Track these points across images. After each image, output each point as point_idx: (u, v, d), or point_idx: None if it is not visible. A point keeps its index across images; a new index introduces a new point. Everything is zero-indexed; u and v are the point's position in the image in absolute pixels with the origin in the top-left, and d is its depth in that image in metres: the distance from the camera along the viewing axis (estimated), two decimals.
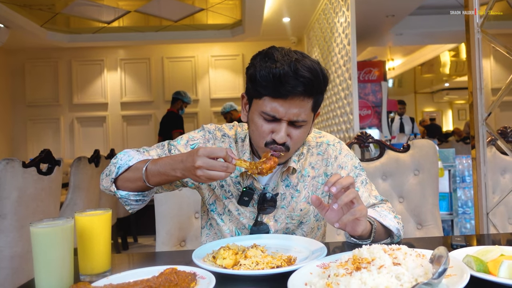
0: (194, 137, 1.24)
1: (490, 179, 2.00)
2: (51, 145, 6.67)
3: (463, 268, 0.72)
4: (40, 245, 0.82)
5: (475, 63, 1.87)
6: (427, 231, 1.82)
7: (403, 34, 6.54)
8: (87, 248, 0.92)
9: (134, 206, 1.15)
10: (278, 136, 1.05)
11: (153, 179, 1.06)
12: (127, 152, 1.15)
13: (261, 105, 1.06)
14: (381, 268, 0.69)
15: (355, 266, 0.72)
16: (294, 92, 1.01)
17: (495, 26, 5.72)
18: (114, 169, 1.12)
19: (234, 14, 5.78)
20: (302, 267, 0.83)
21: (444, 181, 3.25)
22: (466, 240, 1.08)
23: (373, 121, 4.88)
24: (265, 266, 0.85)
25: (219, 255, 0.90)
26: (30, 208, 2.07)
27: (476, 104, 1.88)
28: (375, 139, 2.06)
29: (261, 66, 1.03)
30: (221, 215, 1.23)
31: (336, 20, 4.32)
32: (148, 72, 6.85)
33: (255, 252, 0.91)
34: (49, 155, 2.22)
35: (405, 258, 0.72)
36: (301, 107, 1.04)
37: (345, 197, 0.91)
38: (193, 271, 0.84)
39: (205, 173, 0.94)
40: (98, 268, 0.93)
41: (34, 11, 5.28)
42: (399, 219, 1.15)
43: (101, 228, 0.93)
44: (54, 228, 0.83)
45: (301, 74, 1.00)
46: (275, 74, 0.99)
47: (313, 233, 1.26)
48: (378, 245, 0.78)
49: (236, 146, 1.24)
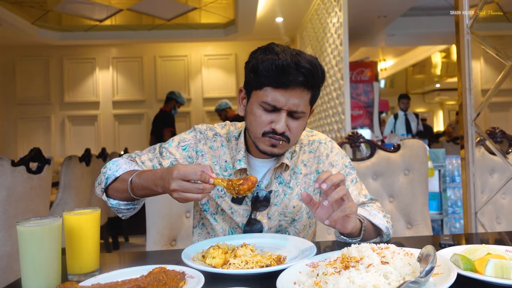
0: (185, 138, 1.24)
1: (479, 178, 2.03)
2: (41, 143, 6.60)
3: (450, 267, 0.73)
4: (27, 245, 0.81)
5: (465, 64, 1.89)
6: (417, 230, 1.84)
7: (395, 35, 6.60)
8: (75, 247, 0.91)
9: (125, 213, 1.16)
10: (278, 126, 1.07)
11: (138, 192, 1.07)
12: (116, 161, 1.16)
13: (262, 96, 1.08)
14: (370, 267, 0.69)
15: (343, 265, 0.72)
16: (295, 82, 1.04)
17: (485, 27, 5.79)
18: (103, 178, 1.13)
19: (227, 13, 5.77)
20: (291, 266, 0.83)
21: (434, 181, 3.27)
22: (454, 239, 1.09)
23: (364, 121, 4.90)
24: (255, 265, 0.85)
25: (209, 254, 0.90)
26: (19, 207, 2.05)
27: (465, 105, 1.90)
28: (366, 139, 2.07)
29: (263, 58, 1.07)
30: (214, 215, 1.23)
31: (329, 20, 4.34)
32: (141, 71, 6.82)
33: (244, 251, 0.91)
34: (39, 153, 2.19)
35: (393, 257, 0.73)
36: (301, 98, 1.07)
37: (336, 194, 0.92)
38: (182, 270, 0.83)
39: (181, 196, 0.93)
40: (87, 268, 0.92)
41: (25, 8, 5.23)
42: (388, 218, 1.16)
43: (89, 227, 0.92)
44: (42, 227, 0.82)
45: (303, 65, 1.03)
46: (278, 65, 1.03)
47: (305, 231, 1.27)
48: (367, 244, 0.78)
49: (228, 144, 1.24)
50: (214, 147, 1.23)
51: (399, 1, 5.16)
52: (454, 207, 3.33)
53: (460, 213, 3.31)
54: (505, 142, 2.13)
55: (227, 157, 1.22)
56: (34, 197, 2.16)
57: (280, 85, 1.05)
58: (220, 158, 1.22)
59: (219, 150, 1.23)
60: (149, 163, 1.20)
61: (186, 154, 1.22)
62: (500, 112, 7.57)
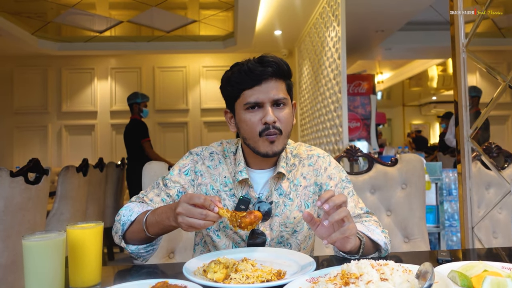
0: (184, 164, 1.28)
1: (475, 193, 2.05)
2: (38, 153, 6.58)
3: (448, 284, 0.74)
4: (32, 258, 0.82)
5: (461, 81, 1.92)
6: (414, 245, 1.85)
7: (392, 49, 6.68)
8: (78, 261, 0.92)
9: (146, 256, 1.17)
10: (268, 117, 1.14)
11: (152, 230, 1.09)
12: (128, 206, 1.18)
13: (243, 100, 1.17)
14: (369, 284, 0.70)
15: (343, 281, 0.73)
16: (265, 75, 1.15)
17: (481, 43, 5.88)
18: (119, 226, 1.15)
19: (226, 26, 5.83)
20: (292, 282, 0.84)
21: (431, 194, 3.29)
22: (452, 255, 1.10)
23: (362, 133, 4.93)
24: (255, 280, 0.86)
25: (210, 268, 0.91)
26: (16, 217, 2.04)
27: (461, 121, 1.93)
28: (364, 153, 2.09)
29: (232, 70, 1.20)
30: (217, 231, 1.25)
31: (327, 34, 4.39)
32: (139, 81, 6.84)
33: (245, 266, 0.92)
34: (37, 164, 2.20)
35: (392, 273, 0.74)
36: (277, 87, 1.17)
37: (337, 215, 0.93)
38: (184, 285, 0.84)
39: (185, 220, 0.95)
40: (88, 282, 0.93)
41: (26, 19, 5.26)
42: (386, 233, 1.18)
43: (92, 241, 0.93)
44: (47, 242, 0.83)
45: (266, 60, 1.15)
46: (245, 69, 1.15)
47: (305, 242, 1.29)
48: (366, 261, 0.79)
49: (226, 160, 1.28)
50: (212, 166, 1.27)
51: (396, 16, 5.25)
52: (451, 220, 3.34)
53: (457, 226, 3.33)
54: (501, 157, 2.16)
55: (226, 173, 1.25)
56: (31, 208, 2.16)
57: (253, 84, 1.15)
58: (220, 175, 1.25)
59: (218, 167, 1.27)
60: (157, 198, 1.23)
61: (189, 178, 1.26)
62: (497, 126, 7.64)
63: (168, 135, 6.90)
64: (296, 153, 1.32)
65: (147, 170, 1.65)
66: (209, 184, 1.25)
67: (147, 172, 1.64)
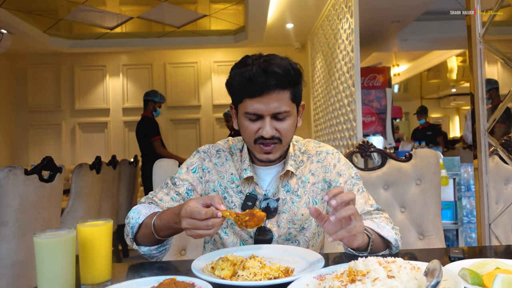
0: (192, 162, 1.29)
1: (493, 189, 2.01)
2: (52, 150, 6.69)
3: (458, 281, 0.73)
4: (43, 255, 0.84)
5: (477, 73, 1.88)
6: (429, 242, 1.82)
7: (408, 40, 6.51)
8: (89, 258, 0.93)
9: (159, 256, 1.19)
10: (264, 132, 1.12)
11: (161, 233, 1.10)
12: (136, 209, 1.19)
13: (243, 107, 1.14)
14: (375, 281, 0.70)
15: (350, 279, 0.73)
16: (267, 87, 1.09)
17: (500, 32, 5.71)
18: (129, 229, 1.16)
19: (237, 20, 5.81)
20: (299, 279, 0.84)
21: (449, 190, 3.20)
22: (464, 253, 1.09)
23: (377, 128, 4.87)
24: (263, 277, 0.86)
25: (218, 266, 0.91)
26: (31, 215, 2.08)
27: (478, 115, 1.89)
28: (377, 148, 2.06)
29: (235, 73, 1.14)
30: (225, 229, 1.26)
31: (340, 26, 4.34)
32: (150, 77, 6.88)
33: (253, 263, 0.92)
34: (50, 162, 2.24)
35: (399, 271, 0.73)
36: (278, 100, 1.11)
37: (344, 211, 0.93)
38: (192, 282, 0.85)
39: (193, 233, 0.96)
40: (99, 278, 0.94)
41: (37, 17, 5.32)
42: (397, 230, 1.17)
43: (102, 239, 0.94)
44: (57, 239, 0.85)
45: (271, 70, 1.08)
46: (247, 76, 1.09)
47: (314, 239, 1.29)
48: (373, 258, 0.79)
49: (233, 157, 1.28)
50: (219, 163, 1.28)
51: (412, 6, 5.12)
52: (470, 217, 3.25)
53: (475, 222, 3.25)
54: None
55: (232, 170, 1.26)
56: (46, 205, 2.20)
57: (254, 94, 1.10)
58: (227, 172, 1.26)
59: (225, 164, 1.27)
60: (166, 197, 1.24)
61: (197, 176, 1.27)
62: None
63: (180, 132, 6.93)
64: (305, 149, 1.31)
65: (157, 167, 1.66)
66: (216, 181, 1.26)
67: (158, 170, 1.65)
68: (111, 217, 3.81)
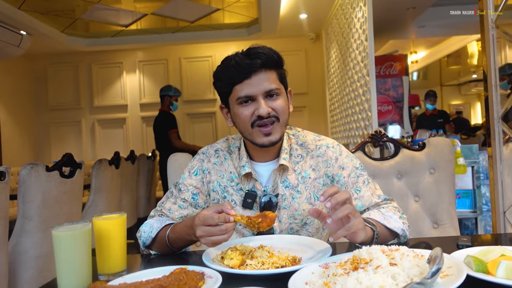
0: (193, 165, 1.32)
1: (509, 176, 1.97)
2: (73, 147, 6.86)
3: (461, 268, 0.74)
4: (60, 247, 0.89)
5: (490, 59, 1.84)
6: (443, 230, 1.81)
7: (426, 26, 6.35)
8: (104, 249, 0.98)
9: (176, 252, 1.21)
10: (260, 110, 1.13)
11: (177, 245, 1.14)
12: (148, 223, 1.23)
13: (235, 95, 1.16)
14: (378, 268, 0.71)
15: (353, 266, 0.75)
16: (254, 68, 1.13)
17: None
18: (140, 242, 1.21)
19: (251, 12, 5.80)
20: (305, 267, 0.86)
21: (467, 178, 3.14)
22: (472, 241, 1.09)
23: (394, 117, 4.81)
24: (270, 266, 0.89)
25: (227, 255, 0.94)
26: (53, 210, 2.16)
27: (491, 101, 1.86)
28: (390, 138, 2.05)
29: (221, 65, 1.18)
30: None
31: (354, 15, 4.30)
32: (166, 73, 6.95)
33: (261, 253, 0.94)
34: (70, 158, 2.31)
35: (402, 258, 0.75)
36: (267, 79, 1.15)
37: (340, 212, 0.93)
38: (201, 271, 0.88)
39: (207, 240, 0.98)
40: (115, 268, 0.99)
41: (55, 17, 5.44)
42: (405, 219, 1.17)
43: (116, 231, 0.99)
44: (73, 232, 0.89)
45: (254, 52, 1.13)
46: (233, 64, 1.14)
47: (318, 234, 1.30)
48: (377, 246, 0.80)
49: (232, 156, 1.29)
50: (218, 163, 1.29)
51: None
52: (489, 205, 3.19)
53: None
54: None
55: (231, 168, 1.27)
56: (67, 201, 2.27)
57: (243, 78, 1.13)
58: (226, 171, 1.27)
59: (224, 164, 1.29)
60: (174, 206, 1.27)
61: (199, 178, 1.29)
62: None
63: (197, 126, 7.00)
64: (303, 142, 1.29)
65: (171, 162, 1.70)
66: (216, 181, 1.27)
67: (172, 164, 1.69)
68: (131, 210, 3.90)
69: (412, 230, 1.78)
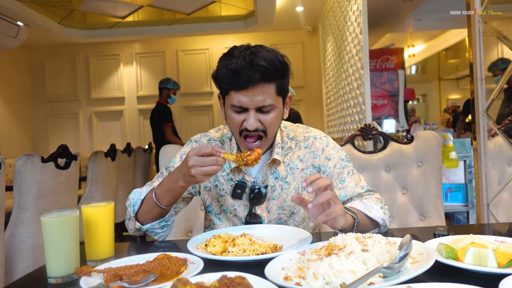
0: (185, 151, 1.34)
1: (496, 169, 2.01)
2: (70, 139, 6.88)
3: (431, 255, 0.78)
4: (49, 233, 0.93)
5: (476, 53, 1.87)
6: (430, 222, 1.84)
7: (423, 19, 6.31)
8: (92, 236, 1.02)
9: (161, 234, 1.24)
10: (248, 124, 1.14)
11: (163, 200, 1.15)
12: (136, 190, 1.26)
13: (229, 100, 1.16)
14: (350, 254, 0.75)
15: (327, 252, 0.78)
16: (252, 81, 1.10)
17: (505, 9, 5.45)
18: (130, 209, 1.22)
19: (247, 5, 5.80)
20: (283, 254, 0.90)
21: (459, 172, 3.17)
22: (449, 230, 1.13)
23: (389, 111, 4.82)
24: (251, 253, 0.93)
25: (210, 243, 0.98)
26: (49, 201, 2.19)
27: (476, 95, 1.89)
28: (379, 131, 2.08)
29: (221, 65, 1.15)
30: (218, 215, 1.32)
31: (349, 8, 4.30)
32: (163, 65, 6.95)
33: (243, 241, 0.98)
34: (66, 150, 2.33)
35: (373, 245, 0.78)
36: (263, 93, 1.12)
37: (321, 197, 0.96)
38: (184, 257, 0.92)
39: (198, 170, 1.02)
40: (103, 255, 1.02)
41: (52, 8, 5.43)
42: (386, 210, 1.20)
43: (104, 219, 1.02)
44: (61, 218, 0.93)
45: (256, 63, 1.08)
46: (232, 69, 1.10)
47: (304, 223, 1.33)
48: (352, 234, 0.84)
49: (223, 146, 1.33)
50: None
51: None
52: None
53: None
54: None
55: None
56: (63, 192, 2.30)
57: (239, 87, 1.11)
58: None
59: None
60: None
61: None
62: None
63: (193, 119, 7.02)
64: (293, 135, 1.33)
65: (163, 153, 1.73)
66: None
67: (164, 156, 1.72)
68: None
69: (400, 222, 1.82)
